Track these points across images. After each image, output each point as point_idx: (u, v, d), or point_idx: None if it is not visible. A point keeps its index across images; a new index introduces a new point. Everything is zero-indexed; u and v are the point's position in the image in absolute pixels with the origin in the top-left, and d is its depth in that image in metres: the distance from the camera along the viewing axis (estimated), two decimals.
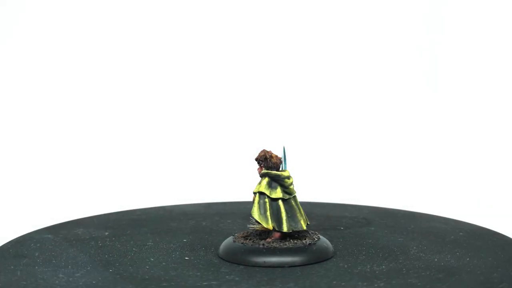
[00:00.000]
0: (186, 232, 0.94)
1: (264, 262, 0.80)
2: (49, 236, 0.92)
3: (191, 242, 0.89)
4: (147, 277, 0.77)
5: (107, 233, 0.93)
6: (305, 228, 0.84)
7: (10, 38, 1.29)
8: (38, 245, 0.88)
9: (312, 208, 1.05)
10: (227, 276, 0.77)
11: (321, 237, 0.85)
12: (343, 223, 0.98)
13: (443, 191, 1.35)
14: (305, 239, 0.83)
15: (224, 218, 1.01)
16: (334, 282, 0.75)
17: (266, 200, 0.83)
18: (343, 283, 0.75)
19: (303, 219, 0.84)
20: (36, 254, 0.84)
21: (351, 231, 0.94)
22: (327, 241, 0.85)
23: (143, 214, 1.03)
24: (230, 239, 0.85)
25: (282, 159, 0.85)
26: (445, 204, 1.29)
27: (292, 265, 0.80)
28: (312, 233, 0.86)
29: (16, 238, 0.91)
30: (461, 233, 0.92)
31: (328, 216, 1.02)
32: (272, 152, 0.84)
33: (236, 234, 0.86)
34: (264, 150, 0.84)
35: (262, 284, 0.75)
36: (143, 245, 0.88)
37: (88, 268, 0.80)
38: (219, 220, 1.00)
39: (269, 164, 0.83)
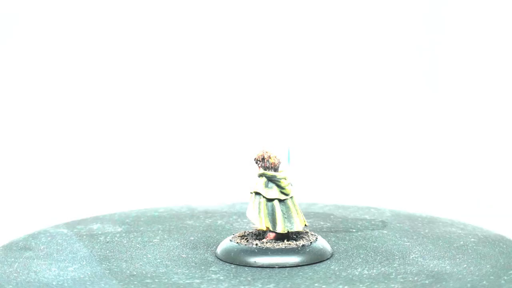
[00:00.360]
0: (197, 230, 0.95)
1: (255, 262, 0.80)
2: (64, 230, 0.94)
3: (196, 241, 0.90)
4: (135, 273, 0.78)
5: (120, 229, 0.95)
6: (301, 229, 0.83)
7: (10, 38, 1.33)
8: (49, 239, 0.90)
9: (333, 210, 1.04)
10: (212, 275, 0.78)
11: (319, 238, 0.84)
12: (358, 225, 0.96)
13: (443, 191, 1.32)
14: (300, 241, 0.83)
15: (242, 217, 1.01)
16: (316, 285, 0.75)
17: (262, 200, 0.83)
18: (323, 286, 0.74)
19: (300, 220, 0.83)
20: (41, 248, 0.87)
21: (361, 234, 0.92)
22: (325, 243, 0.84)
23: (166, 212, 1.04)
24: (228, 238, 0.85)
25: (286, 160, 0.85)
26: (445, 205, 1.26)
27: (282, 266, 0.80)
28: (311, 234, 0.85)
29: (32, 232, 0.94)
30: (472, 239, 0.90)
31: (346, 218, 1.00)
32: (272, 152, 0.84)
33: (235, 234, 0.86)
34: (263, 150, 0.84)
35: (243, 284, 0.75)
36: (148, 241, 0.90)
37: (84, 263, 0.82)
38: (235, 220, 1.00)
39: (266, 164, 0.83)
